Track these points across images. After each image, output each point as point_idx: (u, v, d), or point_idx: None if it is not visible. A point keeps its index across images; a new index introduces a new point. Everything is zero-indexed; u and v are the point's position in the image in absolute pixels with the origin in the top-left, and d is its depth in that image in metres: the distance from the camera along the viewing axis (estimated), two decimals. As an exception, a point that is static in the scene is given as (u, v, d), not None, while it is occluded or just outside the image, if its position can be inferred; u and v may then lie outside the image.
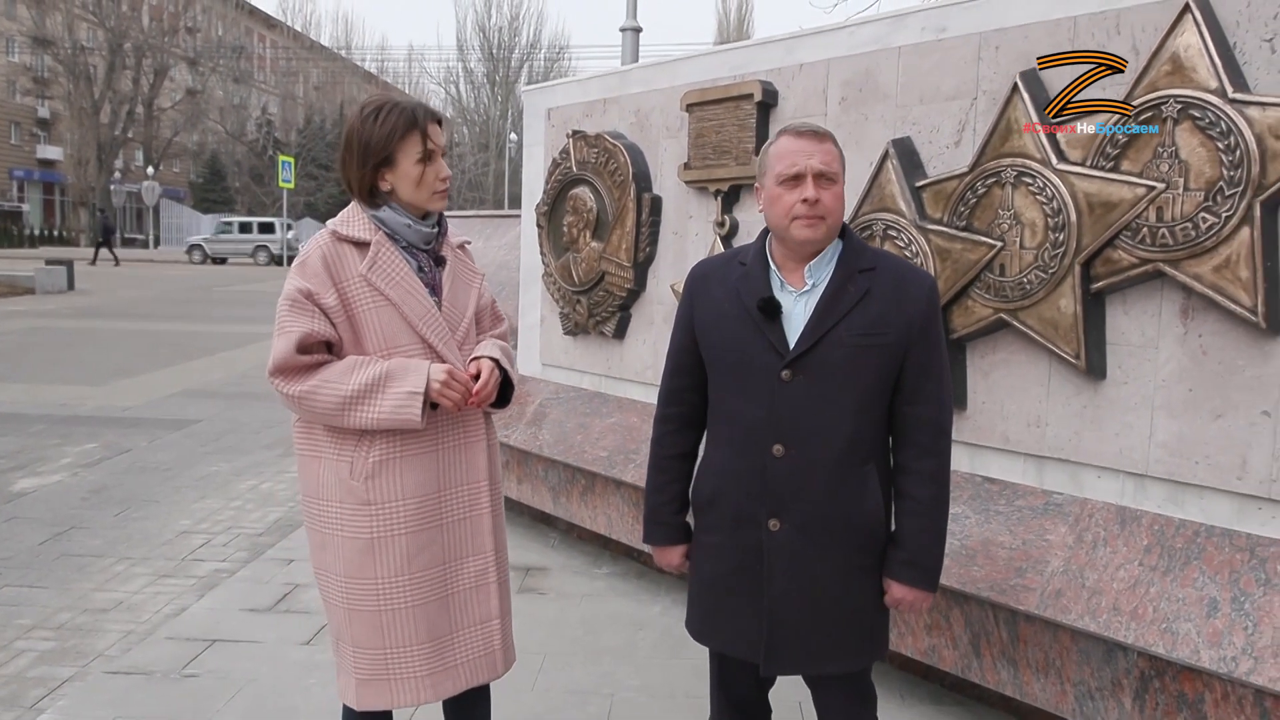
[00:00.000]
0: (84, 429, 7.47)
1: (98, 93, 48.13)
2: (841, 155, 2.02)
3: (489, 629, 2.27)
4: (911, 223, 3.14)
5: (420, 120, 2.11)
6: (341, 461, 2.12)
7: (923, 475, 2.01)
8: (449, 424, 2.20)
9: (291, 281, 2.10)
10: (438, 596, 2.19)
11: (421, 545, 2.15)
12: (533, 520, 5.19)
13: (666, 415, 2.23)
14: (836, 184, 1.97)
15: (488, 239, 6.75)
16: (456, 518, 2.22)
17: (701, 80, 4.05)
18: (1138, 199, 2.60)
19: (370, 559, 2.12)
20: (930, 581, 2.04)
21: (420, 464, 2.15)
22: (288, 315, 2.07)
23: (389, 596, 2.13)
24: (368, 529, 2.11)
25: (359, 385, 2.03)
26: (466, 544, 2.23)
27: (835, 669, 2.08)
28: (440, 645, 2.19)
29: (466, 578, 2.23)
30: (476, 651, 2.25)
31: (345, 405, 2.04)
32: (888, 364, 1.97)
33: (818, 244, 1.99)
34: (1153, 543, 2.65)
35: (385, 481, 2.11)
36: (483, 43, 44.81)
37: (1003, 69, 2.97)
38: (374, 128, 2.08)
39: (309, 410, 2.08)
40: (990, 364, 3.06)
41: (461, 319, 2.24)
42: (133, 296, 20.72)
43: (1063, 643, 2.70)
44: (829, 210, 1.95)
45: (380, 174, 2.12)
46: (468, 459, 2.23)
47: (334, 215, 2.20)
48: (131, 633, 3.80)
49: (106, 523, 5.20)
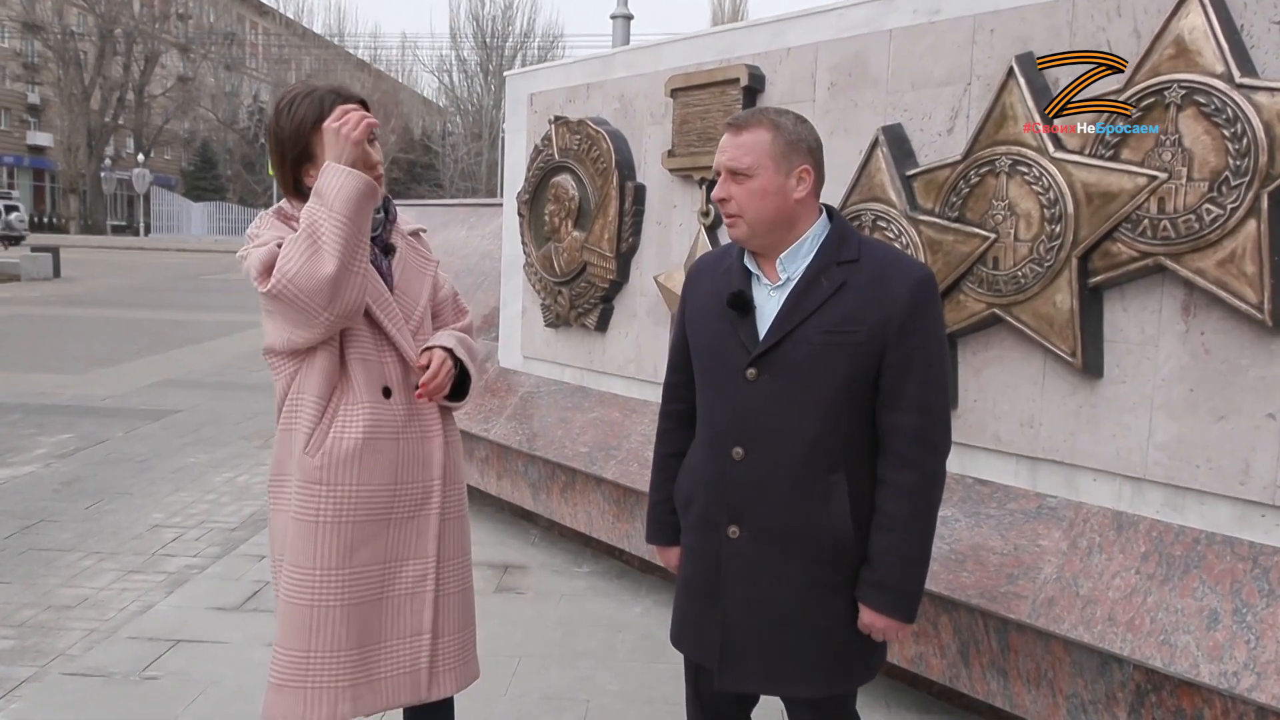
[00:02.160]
0: (60, 419, 7.32)
1: (88, 79, 47.78)
2: (779, 140, 1.83)
3: (418, 644, 2.12)
4: (902, 213, 3.02)
5: (329, 105, 1.97)
6: (299, 432, 2.00)
7: (899, 489, 1.84)
8: (406, 415, 2.08)
9: (262, 240, 1.96)
10: (373, 598, 2.06)
11: (365, 539, 2.03)
12: (514, 517, 5.06)
13: (666, 412, 2.15)
14: (753, 178, 1.82)
15: (471, 228, 6.62)
16: (404, 515, 2.09)
17: (687, 64, 3.92)
18: (1138, 189, 2.48)
19: (311, 544, 1.99)
20: (902, 608, 1.87)
21: (381, 450, 2.03)
22: (267, 231, 1.95)
23: (322, 590, 2.00)
24: (313, 510, 1.99)
25: (306, 216, 1.86)
26: (410, 545, 2.10)
27: (797, 692, 1.95)
28: (367, 654, 2.06)
29: (404, 582, 2.10)
30: (401, 667, 2.11)
31: (310, 239, 1.84)
32: (860, 364, 1.82)
33: (744, 242, 1.89)
34: (1150, 550, 2.54)
35: (340, 462, 1.99)
36: (476, 31, 44.45)
37: (998, 53, 2.85)
38: (286, 121, 1.97)
39: (291, 296, 1.85)
40: (982, 361, 2.94)
41: (414, 309, 2.12)
42: (118, 284, 20.53)
43: (1055, 653, 2.59)
44: (743, 207, 1.83)
45: (303, 169, 2.00)
46: (424, 454, 2.11)
47: None
48: (94, 631, 3.68)
49: (77, 515, 5.06)
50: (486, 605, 3.99)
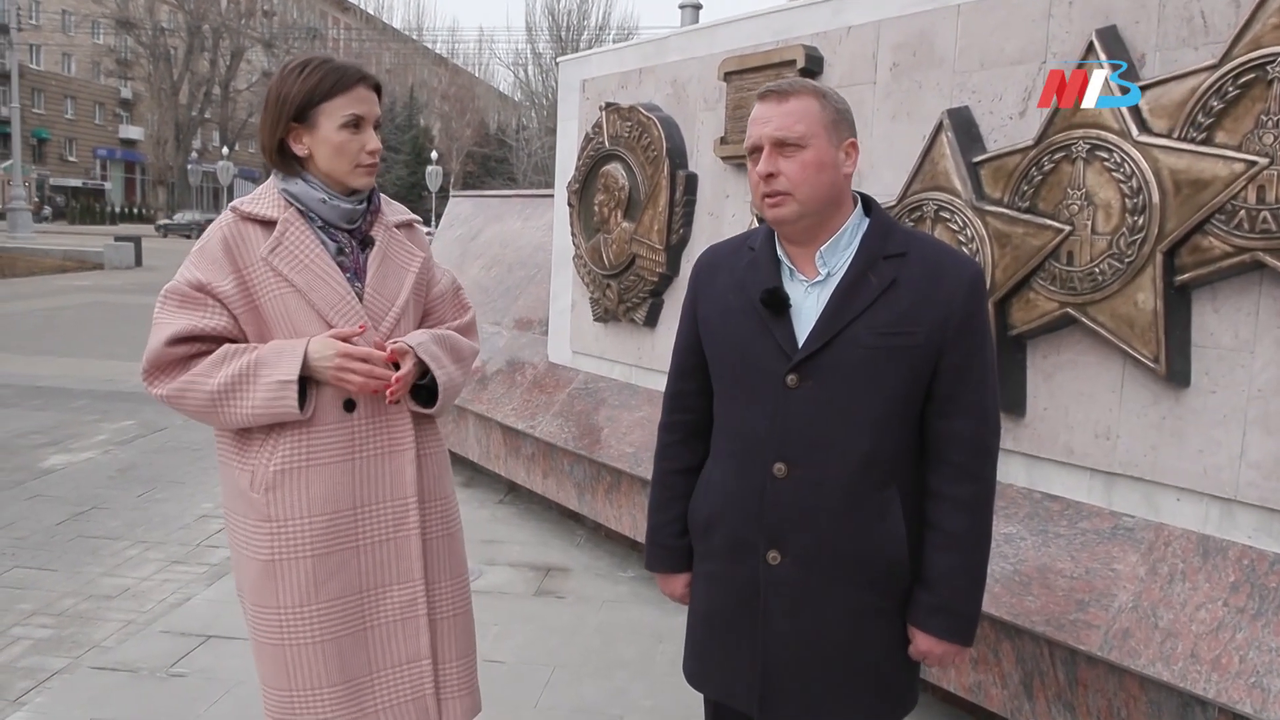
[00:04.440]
0: (124, 405, 7.43)
1: (177, 74, 49.23)
2: (828, 110, 1.62)
3: (418, 670, 1.97)
4: (967, 203, 2.77)
5: (351, 80, 1.83)
6: (244, 470, 1.86)
7: (957, 503, 1.65)
8: (368, 429, 1.90)
9: (183, 272, 1.85)
10: (350, 631, 1.90)
11: (331, 571, 1.87)
12: (560, 516, 4.92)
13: (670, 423, 1.92)
14: (805, 149, 1.60)
15: (526, 219, 6.50)
16: (376, 539, 1.92)
17: (743, 46, 3.71)
18: (1234, 177, 2.21)
19: (271, 584, 1.85)
20: (963, 632, 1.68)
21: (330, 475, 1.86)
22: (170, 311, 1.82)
23: (293, 629, 1.85)
24: (267, 549, 1.84)
25: (227, 378, 1.77)
26: (390, 570, 1.93)
27: None
28: (356, 689, 1.90)
29: (389, 610, 1.94)
30: (402, 696, 1.96)
31: (214, 401, 1.78)
32: (916, 368, 1.62)
33: (790, 224, 1.66)
34: (1240, 580, 2.27)
35: (287, 494, 1.83)
36: (551, 25, 44.52)
37: (1076, 27, 2.59)
38: (295, 81, 1.82)
39: (184, 412, 1.83)
40: (1054, 365, 2.68)
41: (389, 308, 1.94)
42: (199, 274, 20.99)
43: (1129, 690, 2.34)
44: (795, 183, 1.60)
45: (295, 134, 1.85)
46: (392, 471, 1.93)
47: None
48: (131, 623, 3.64)
49: (129, 503, 5.08)
50: (525, 609, 3.86)
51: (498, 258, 6.51)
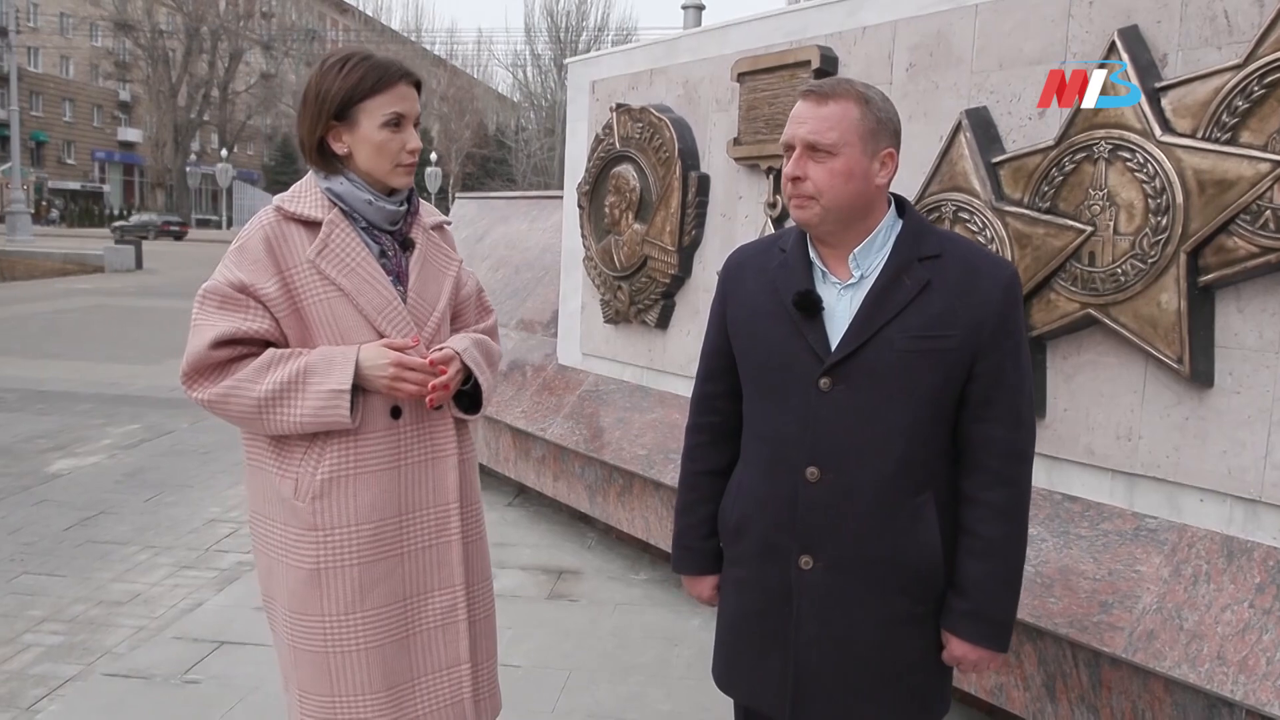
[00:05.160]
0: (129, 409, 7.41)
1: (175, 76, 49.23)
2: (867, 117, 1.60)
3: (457, 675, 1.96)
4: (986, 204, 2.76)
5: (393, 78, 1.80)
6: (286, 478, 1.83)
7: (992, 508, 1.64)
8: (413, 435, 1.89)
9: (222, 272, 1.81)
10: (395, 638, 1.89)
11: (376, 579, 1.85)
12: (570, 519, 4.90)
13: (698, 425, 1.90)
14: (836, 156, 1.58)
15: (533, 221, 6.48)
16: (420, 546, 1.91)
17: (755, 47, 3.70)
18: (1260, 177, 2.20)
19: (316, 592, 1.83)
20: (999, 639, 1.67)
21: (378, 483, 1.84)
22: (210, 312, 1.78)
23: (337, 637, 1.83)
24: (312, 557, 1.82)
25: (275, 384, 1.74)
26: (432, 576, 1.92)
27: None
28: (398, 695, 1.89)
29: (431, 616, 1.93)
30: (442, 700, 1.95)
31: (261, 408, 1.75)
32: (951, 372, 1.61)
33: (814, 228, 1.65)
34: (1266, 581, 2.26)
35: (335, 503, 1.81)
36: (550, 26, 44.49)
37: (1097, 27, 2.58)
38: (335, 79, 1.78)
39: (226, 417, 1.81)
40: (1074, 366, 2.67)
41: (431, 312, 1.92)
42: (199, 276, 20.68)
43: (1154, 692, 2.32)
44: (820, 189, 1.59)
45: (334, 132, 1.82)
46: (435, 477, 1.92)
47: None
48: (142, 629, 3.62)
49: (136, 508, 5.06)
50: (538, 613, 3.85)
51: (504, 259, 6.50)
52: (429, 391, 1.80)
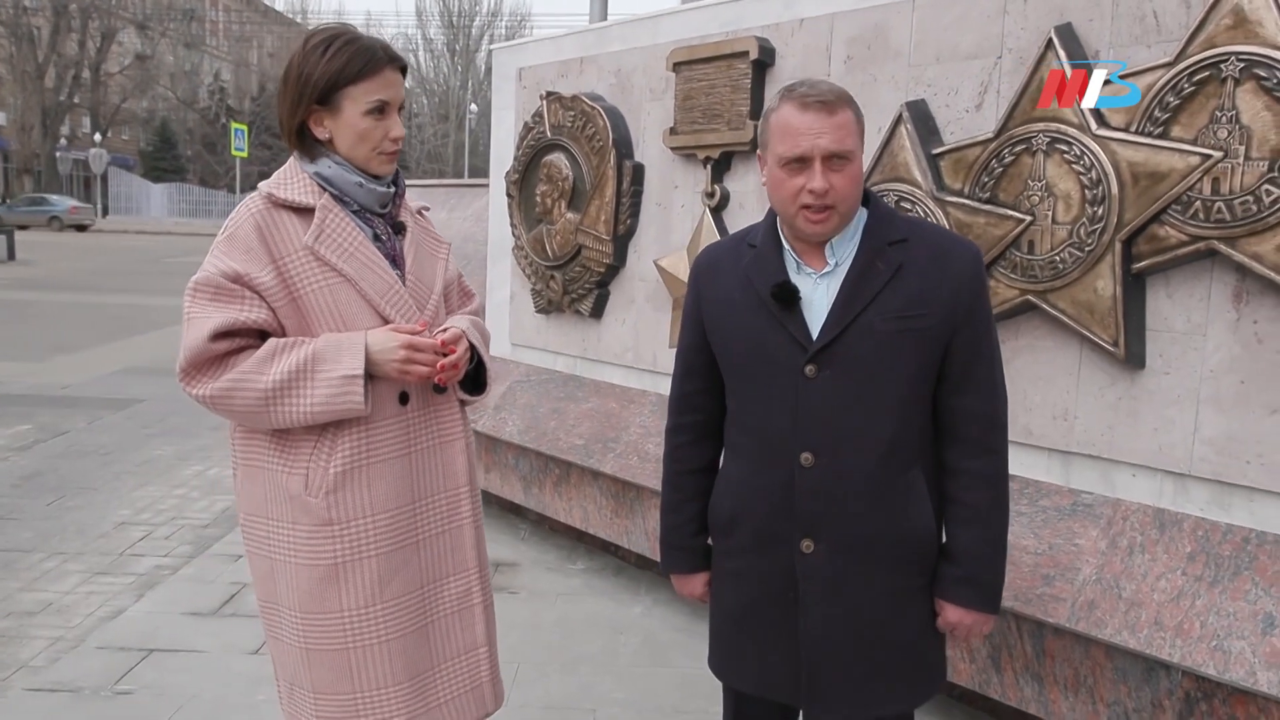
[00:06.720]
0: (18, 409, 7.00)
1: (41, 56, 46.41)
2: (859, 119, 1.67)
3: (475, 659, 1.95)
4: (928, 194, 2.85)
5: (379, 63, 1.75)
6: (294, 475, 1.77)
7: (975, 477, 1.72)
8: (421, 420, 1.86)
9: (213, 262, 1.73)
10: (416, 626, 1.86)
11: (395, 568, 1.82)
12: (501, 511, 4.86)
13: (679, 425, 1.92)
14: (852, 162, 1.63)
15: (451, 210, 6.37)
16: (434, 532, 1.89)
17: (689, 37, 3.72)
18: (1190, 169, 2.33)
19: (334, 589, 1.78)
20: (991, 601, 1.75)
21: (391, 471, 1.81)
22: (203, 304, 1.71)
23: (358, 632, 1.79)
24: (330, 553, 1.77)
25: (282, 374, 1.69)
26: (447, 561, 1.91)
27: (890, 710, 1.79)
28: (421, 684, 1.86)
29: (448, 601, 1.91)
30: (462, 686, 1.94)
31: (268, 400, 1.69)
32: (930, 350, 1.67)
33: (829, 237, 1.69)
34: (1197, 550, 2.41)
35: (351, 495, 1.77)
36: (442, 10, 43.81)
37: (1032, 24, 2.68)
38: (319, 61, 1.72)
39: (229, 414, 1.75)
40: (1013, 350, 2.78)
41: (429, 295, 1.89)
42: (77, 267, 19.97)
43: (1096, 659, 2.45)
44: (842, 197, 1.63)
45: (316, 116, 1.76)
46: (445, 461, 1.90)
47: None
48: (60, 640, 3.44)
49: (38, 513, 4.79)
50: (479, 606, 3.81)
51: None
52: (438, 372, 1.76)
